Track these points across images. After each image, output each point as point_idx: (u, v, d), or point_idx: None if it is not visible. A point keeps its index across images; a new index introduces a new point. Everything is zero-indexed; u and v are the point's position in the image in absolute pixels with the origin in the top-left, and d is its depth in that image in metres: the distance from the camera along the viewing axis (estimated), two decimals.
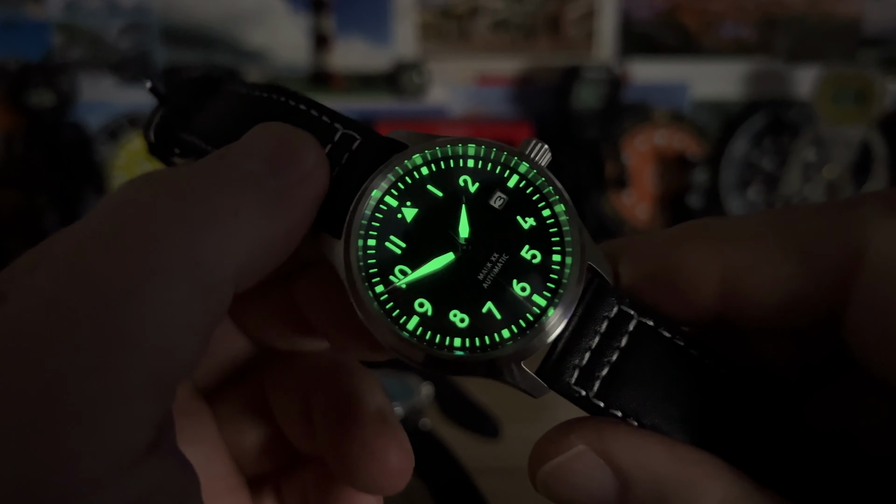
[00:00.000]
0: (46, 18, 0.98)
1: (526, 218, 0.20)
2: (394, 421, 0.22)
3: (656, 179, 1.01)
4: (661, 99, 1.01)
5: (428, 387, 0.59)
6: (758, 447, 0.19)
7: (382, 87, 1.01)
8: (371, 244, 0.19)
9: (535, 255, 0.19)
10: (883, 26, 1.00)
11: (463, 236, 0.19)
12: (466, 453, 0.54)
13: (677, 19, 1.01)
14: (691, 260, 0.19)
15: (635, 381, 0.19)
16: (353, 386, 0.23)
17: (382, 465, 0.21)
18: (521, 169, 0.20)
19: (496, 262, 0.19)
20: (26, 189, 0.96)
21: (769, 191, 1.00)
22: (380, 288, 0.19)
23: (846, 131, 0.90)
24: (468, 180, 0.20)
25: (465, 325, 0.19)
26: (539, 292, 0.19)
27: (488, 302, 0.19)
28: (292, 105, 0.21)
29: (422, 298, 0.19)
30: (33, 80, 0.92)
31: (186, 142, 0.22)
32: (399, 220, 0.19)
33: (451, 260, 0.19)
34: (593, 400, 0.19)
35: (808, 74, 0.98)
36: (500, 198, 0.20)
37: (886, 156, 0.90)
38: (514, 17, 1.00)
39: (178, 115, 0.23)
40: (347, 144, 0.20)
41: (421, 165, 0.20)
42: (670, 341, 0.19)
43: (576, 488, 0.18)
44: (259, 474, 0.25)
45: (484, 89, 1.02)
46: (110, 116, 0.98)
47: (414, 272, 0.19)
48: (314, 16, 0.99)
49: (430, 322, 0.19)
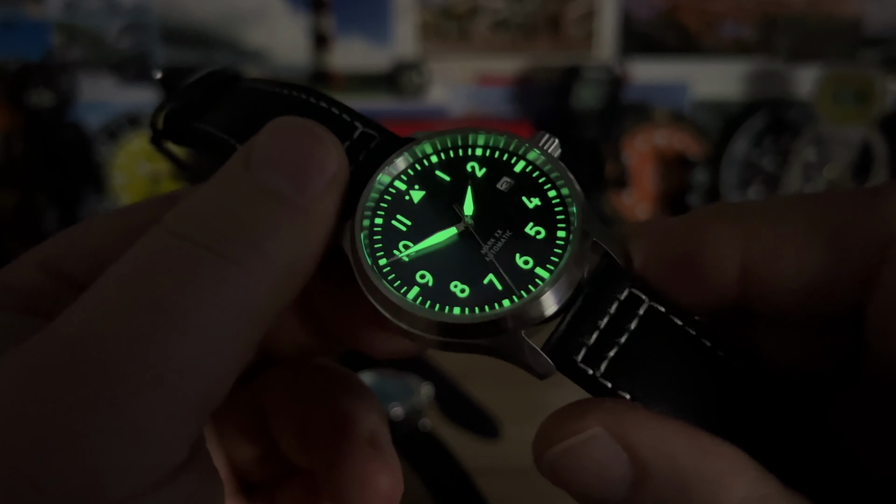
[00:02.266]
0: (46, 18, 0.98)
1: (531, 198, 0.20)
2: (386, 446, 0.22)
3: (656, 179, 1.01)
4: (661, 99, 1.01)
5: (428, 387, 0.59)
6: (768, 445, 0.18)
7: (382, 87, 1.01)
8: (378, 223, 0.20)
9: (539, 231, 0.20)
10: (883, 26, 1.00)
11: (467, 213, 0.20)
12: (466, 453, 0.54)
13: (677, 19, 1.01)
14: (712, 241, 0.18)
15: (644, 366, 0.18)
16: (349, 407, 0.23)
17: (371, 491, 0.21)
18: (530, 156, 0.21)
19: (500, 237, 0.20)
20: (26, 189, 0.96)
21: (769, 191, 1.00)
22: (383, 261, 0.19)
23: (846, 131, 0.90)
24: (475, 166, 0.21)
25: (465, 295, 0.19)
26: (542, 265, 0.19)
27: (490, 274, 0.19)
28: (313, 102, 0.21)
29: (423, 270, 0.19)
30: (33, 80, 0.92)
31: (200, 131, 0.22)
32: (406, 201, 0.20)
33: (454, 234, 0.20)
34: (600, 380, 0.18)
35: (808, 74, 0.98)
36: (507, 182, 0.20)
37: (887, 156, 0.90)
38: (514, 17, 1.00)
39: (188, 107, 0.23)
40: (366, 143, 0.20)
41: (431, 154, 0.21)
42: (682, 329, 0.19)
43: (586, 475, 0.16)
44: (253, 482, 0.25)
45: (484, 89, 1.02)
46: (110, 116, 0.98)
47: (416, 245, 0.20)
48: (314, 15, 0.99)
49: (430, 292, 0.19)
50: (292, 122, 0.19)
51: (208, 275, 0.16)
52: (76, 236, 0.20)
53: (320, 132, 0.19)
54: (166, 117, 0.23)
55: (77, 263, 0.20)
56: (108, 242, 0.20)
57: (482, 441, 0.57)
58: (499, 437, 0.57)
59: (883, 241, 0.16)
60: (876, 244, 0.16)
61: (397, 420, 0.55)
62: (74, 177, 0.94)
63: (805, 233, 0.17)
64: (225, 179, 0.18)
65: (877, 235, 0.16)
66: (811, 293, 0.17)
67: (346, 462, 0.21)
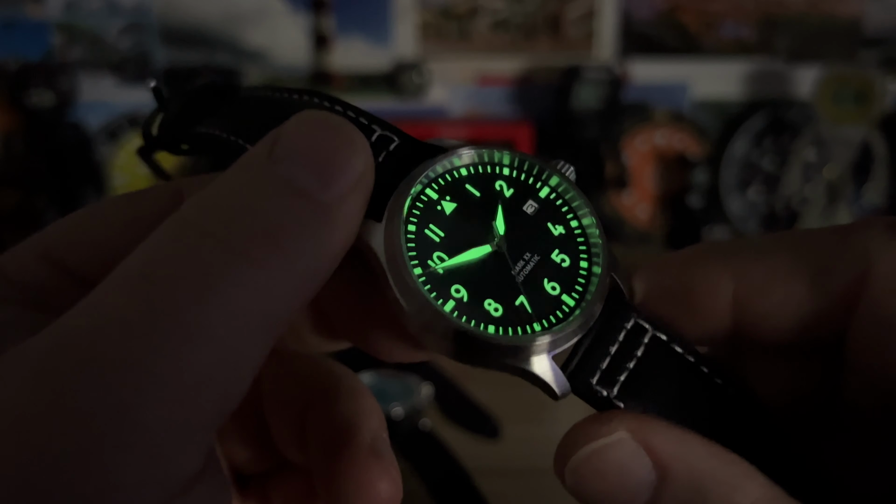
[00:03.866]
0: (46, 18, 0.98)
1: (556, 225, 0.21)
2: (387, 452, 0.22)
3: (656, 179, 1.01)
4: (661, 99, 1.01)
5: (428, 387, 0.59)
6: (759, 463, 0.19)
7: (382, 87, 1.01)
8: (411, 230, 0.20)
9: (565, 259, 0.20)
10: (883, 26, 1.00)
11: (499, 232, 0.20)
12: (466, 453, 0.54)
13: (677, 19, 1.01)
14: (705, 278, 0.20)
15: (651, 389, 0.20)
16: (349, 409, 0.23)
17: (371, 497, 0.21)
18: (553, 182, 0.21)
19: (529, 260, 0.20)
20: (26, 189, 0.96)
21: (769, 191, 1.00)
22: (417, 270, 0.19)
23: (846, 131, 0.90)
24: (504, 185, 0.21)
25: (499, 315, 0.19)
26: (568, 293, 0.20)
27: (521, 296, 0.20)
28: (327, 107, 0.21)
29: (458, 285, 0.19)
30: (33, 80, 0.92)
31: (204, 135, 0.22)
32: (438, 211, 0.20)
33: (488, 252, 0.20)
34: (614, 401, 0.19)
35: (808, 74, 0.98)
36: (532, 205, 0.21)
37: (886, 156, 0.90)
38: (514, 17, 1.00)
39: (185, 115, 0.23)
40: (385, 144, 0.20)
41: (460, 166, 0.21)
42: (682, 357, 0.20)
43: (610, 478, 0.17)
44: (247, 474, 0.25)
45: (484, 89, 1.02)
46: (110, 116, 0.98)
47: (451, 259, 0.20)
48: (314, 16, 0.99)
49: (465, 307, 0.19)
50: (322, 117, 0.18)
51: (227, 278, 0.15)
52: (78, 224, 0.20)
53: (350, 130, 0.18)
54: (161, 125, 0.23)
55: (80, 254, 0.19)
56: (111, 232, 0.20)
57: (482, 441, 0.57)
58: (499, 437, 0.57)
59: (859, 274, 0.18)
60: (853, 277, 0.18)
61: (397, 420, 0.55)
62: (75, 177, 0.94)
63: (790, 268, 0.19)
64: (248, 170, 0.17)
65: (853, 269, 0.18)
66: (798, 324, 0.19)
67: (346, 467, 0.21)
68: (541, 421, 0.59)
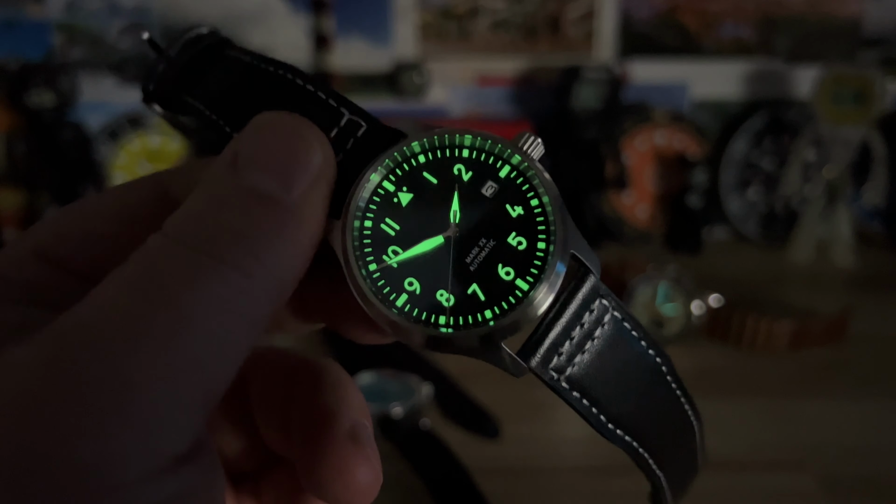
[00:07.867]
0: (46, 18, 0.98)
1: (514, 206, 0.21)
2: (366, 439, 0.22)
3: (656, 179, 1.01)
4: (661, 99, 1.01)
5: (428, 387, 0.59)
6: None
7: (382, 88, 1.01)
8: (367, 225, 0.20)
9: (521, 241, 0.20)
10: (883, 26, 1.00)
11: (453, 221, 0.20)
12: (466, 453, 0.54)
13: (677, 19, 1.01)
14: None
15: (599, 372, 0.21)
16: (330, 399, 0.23)
17: (348, 482, 0.21)
18: (514, 160, 0.21)
19: (484, 246, 0.20)
20: (27, 189, 0.96)
21: (769, 191, 1.00)
22: (373, 266, 0.20)
23: (846, 131, 0.90)
24: (462, 169, 0.21)
25: (451, 305, 0.20)
26: (522, 277, 0.20)
27: (474, 284, 0.20)
28: (300, 84, 0.21)
29: (411, 277, 0.20)
30: (33, 80, 0.92)
31: (190, 106, 0.23)
32: (395, 203, 0.20)
33: (441, 243, 0.20)
34: (562, 384, 0.20)
35: (808, 74, 0.98)
36: (492, 187, 0.21)
37: (886, 156, 0.90)
38: (514, 18, 1.00)
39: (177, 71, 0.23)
40: (353, 130, 0.21)
41: (419, 153, 0.21)
42: (630, 332, 0.21)
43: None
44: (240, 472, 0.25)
45: (484, 89, 1.02)
46: (110, 116, 0.98)
47: (405, 252, 0.20)
48: (314, 16, 0.99)
49: (418, 300, 0.20)
50: (275, 119, 0.19)
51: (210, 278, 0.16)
52: (67, 219, 0.20)
53: (304, 128, 0.19)
54: (157, 79, 0.23)
55: (72, 248, 0.20)
56: (101, 224, 0.20)
57: (482, 441, 0.57)
58: (499, 437, 0.58)
59: None
60: None
61: (397, 420, 0.55)
62: (75, 177, 0.94)
63: None
64: (215, 184, 0.18)
65: None
66: None
67: (326, 454, 0.22)
68: (541, 421, 0.59)
